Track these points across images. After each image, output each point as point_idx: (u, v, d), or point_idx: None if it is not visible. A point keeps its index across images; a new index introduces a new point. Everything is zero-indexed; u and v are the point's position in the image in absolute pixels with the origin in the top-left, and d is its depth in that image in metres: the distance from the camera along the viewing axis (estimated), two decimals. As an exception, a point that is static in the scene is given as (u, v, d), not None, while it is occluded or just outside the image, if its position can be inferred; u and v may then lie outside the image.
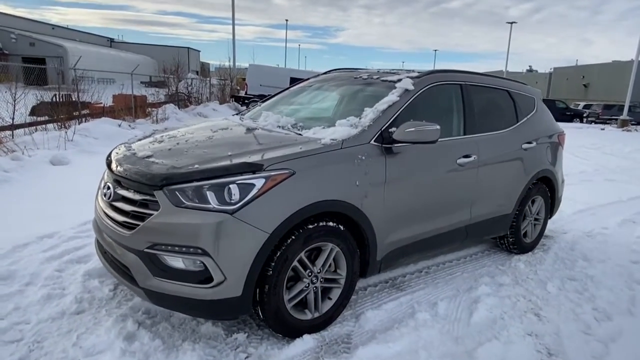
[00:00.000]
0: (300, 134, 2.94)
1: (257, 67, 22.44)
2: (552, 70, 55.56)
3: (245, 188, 2.30)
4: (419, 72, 3.43)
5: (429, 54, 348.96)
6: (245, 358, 2.43)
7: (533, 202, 4.28)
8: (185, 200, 2.30)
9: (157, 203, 2.33)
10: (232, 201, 2.27)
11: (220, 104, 19.85)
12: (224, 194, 2.29)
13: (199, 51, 64.23)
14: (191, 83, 18.29)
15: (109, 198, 2.59)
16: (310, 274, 2.59)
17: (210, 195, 2.28)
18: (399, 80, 3.28)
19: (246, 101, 20.90)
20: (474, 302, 3.19)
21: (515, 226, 4.08)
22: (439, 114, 3.42)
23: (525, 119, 4.13)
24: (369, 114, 2.94)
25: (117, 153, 2.89)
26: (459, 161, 3.33)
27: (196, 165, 2.40)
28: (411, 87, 3.14)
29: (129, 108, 13.38)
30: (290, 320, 2.53)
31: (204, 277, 2.28)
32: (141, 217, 2.40)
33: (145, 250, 2.34)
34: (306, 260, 2.56)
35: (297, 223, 2.41)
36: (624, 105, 26.79)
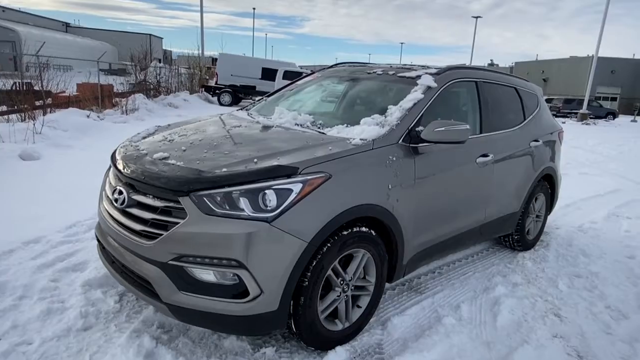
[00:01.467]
0: (323, 133, 2.78)
1: (227, 57, 21.84)
2: (513, 64, 57.36)
3: (282, 194, 2.12)
4: (436, 68, 3.32)
5: (395, 46, 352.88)
6: (279, 374, 2.28)
7: (536, 199, 4.30)
8: (215, 207, 2.10)
9: (183, 210, 2.12)
10: (268, 208, 2.09)
11: (190, 94, 19.24)
12: (258, 200, 2.10)
13: (161, 38, 62.15)
14: (160, 72, 17.55)
15: (121, 204, 2.35)
16: (342, 282, 2.45)
17: (244, 202, 2.09)
18: (418, 76, 3.17)
19: (217, 91, 20.37)
20: (494, 303, 3.15)
21: (520, 224, 4.08)
22: (458, 112, 3.35)
23: (531, 116, 4.13)
24: (395, 112, 2.81)
25: (124, 153, 2.63)
26: (478, 160, 3.27)
27: (224, 169, 2.20)
28: (434, 84, 3.03)
29: (96, 98, 12.71)
30: (323, 332, 2.39)
31: (237, 291, 2.10)
32: (163, 226, 2.18)
33: (170, 262, 2.13)
34: (339, 269, 2.42)
35: (333, 230, 2.26)
36: (583, 100, 27.93)
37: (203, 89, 20.82)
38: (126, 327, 2.55)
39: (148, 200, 2.25)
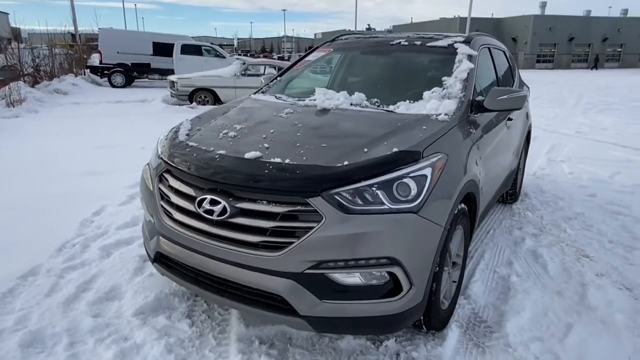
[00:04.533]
0: (392, 112, 2.66)
1: (110, 32, 19.48)
2: (391, 27, 60.40)
3: (419, 181, 2.00)
4: (460, 36, 3.35)
5: (273, 14, 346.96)
6: (415, 364, 2.22)
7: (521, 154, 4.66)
8: (351, 205, 1.91)
9: (315, 213, 1.90)
10: (409, 198, 1.96)
11: (75, 76, 16.95)
12: (393, 191, 1.96)
13: (7, 14, 53.03)
14: (39, 54, 15.09)
15: (220, 215, 2.01)
16: (449, 260, 2.43)
17: (381, 195, 1.93)
18: (450, 45, 3.18)
19: (105, 72, 18.19)
20: (534, 255, 3.41)
21: (515, 178, 4.41)
22: (485, 79, 3.42)
23: (517, 76, 4.40)
24: (456, 84, 2.79)
25: (193, 156, 2.23)
26: (507, 123, 3.42)
27: (345, 162, 2.00)
28: (474, 52, 3.06)
29: (-34, 90, 10.55)
30: (442, 313, 2.38)
31: (388, 289, 1.96)
32: (289, 233, 1.93)
33: (307, 271, 1.91)
34: (450, 248, 2.39)
35: (455, 211, 2.21)
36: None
37: (88, 71, 18.44)
38: (225, 352, 2.25)
39: (261, 207, 1.96)
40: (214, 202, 2.04)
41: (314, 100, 2.91)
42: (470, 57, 3.02)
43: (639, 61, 51.05)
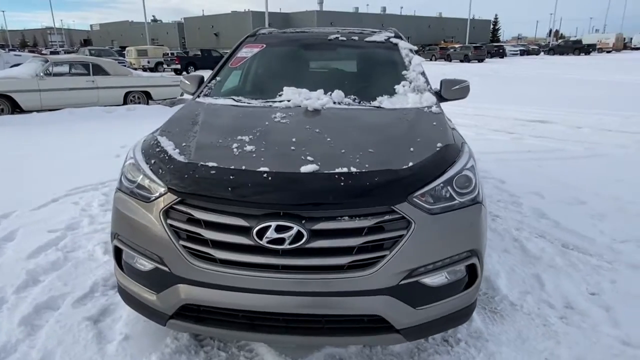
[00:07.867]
0: (380, 107, 2.66)
1: None
2: (182, 20, 57.96)
3: (473, 171, 2.09)
4: (388, 31, 3.51)
5: (32, 2, 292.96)
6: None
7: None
8: (431, 205, 1.89)
9: (401, 219, 1.80)
10: (470, 189, 2.03)
11: None
12: (454, 184, 2.00)
13: None
14: None
15: (293, 242, 1.72)
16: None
17: (451, 190, 1.96)
18: (387, 39, 3.33)
19: None
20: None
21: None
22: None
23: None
24: (419, 77, 2.95)
25: (230, 179, 1.82)
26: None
27: (410, 163, 1.95)
28: (414, 47, 3.26)
29: None
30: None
31: (466, 281, 2.01)
32: (377, 247, 1.79)
33: (402, 282, 1.81)
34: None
35: None
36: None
37: None
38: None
39: (344, 224, 1.76)
40: (280, 229, 1.73)
41: (289, 100, 2.69)
42: (412, 51, 3.21)
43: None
